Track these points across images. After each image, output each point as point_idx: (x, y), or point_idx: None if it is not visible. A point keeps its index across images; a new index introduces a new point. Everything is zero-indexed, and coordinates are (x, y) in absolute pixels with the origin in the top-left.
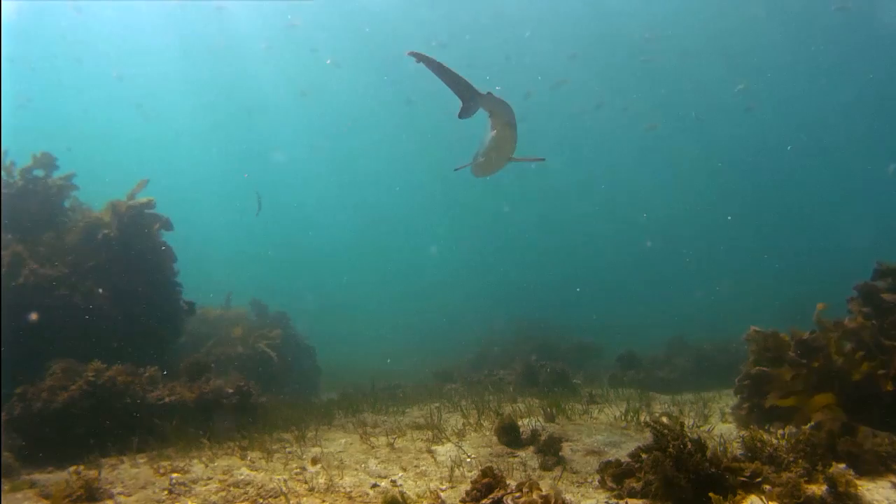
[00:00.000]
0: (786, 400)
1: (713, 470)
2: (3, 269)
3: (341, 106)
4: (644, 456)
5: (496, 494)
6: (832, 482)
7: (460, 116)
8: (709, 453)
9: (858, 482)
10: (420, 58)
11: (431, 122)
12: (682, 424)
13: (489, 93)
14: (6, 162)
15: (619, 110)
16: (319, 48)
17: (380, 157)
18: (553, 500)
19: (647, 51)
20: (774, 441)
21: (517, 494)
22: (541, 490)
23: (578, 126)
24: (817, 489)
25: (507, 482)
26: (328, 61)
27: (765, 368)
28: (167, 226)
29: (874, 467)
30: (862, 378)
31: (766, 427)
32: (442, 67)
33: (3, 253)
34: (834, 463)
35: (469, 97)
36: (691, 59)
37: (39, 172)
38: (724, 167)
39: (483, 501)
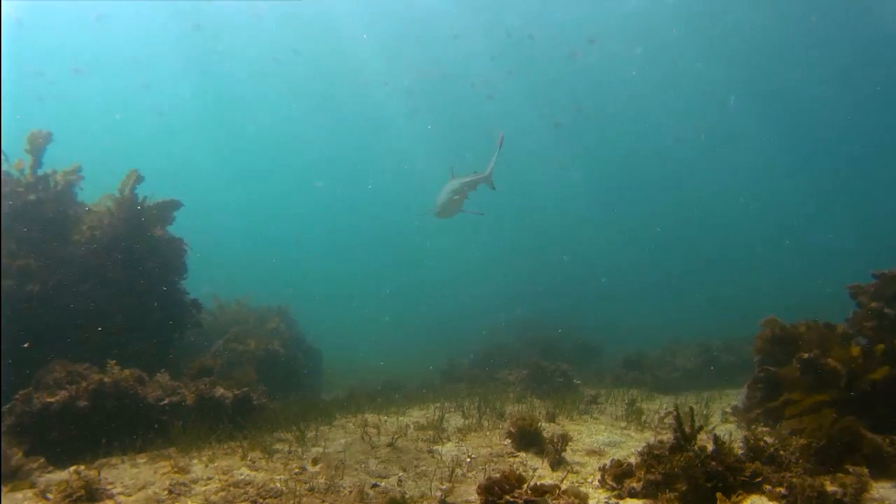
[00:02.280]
0: (793, 394)
1: (720, 469)
2: (4, 277)
3: (349, 104)
4: (657, 452)
5: (521, 493)
6: (840, 482)
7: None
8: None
9: (872, 482)
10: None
11: (434, 121)
12: (701, 427)
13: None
14: (15, 160)
15: (625, 112)
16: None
17: (382, 156)
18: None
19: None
20: (790, 441)
21: (551, 495)
22: (575, 495)
23: (583, 127)
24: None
25: (523, 485)
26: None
27: (771, 368)
28: (171, 212)
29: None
30: (869, 383)
31: (776, 427)
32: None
33: (12, 265)
34: (849, 463)
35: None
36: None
37: (51, 170)
38: (732, 168)
39: (507, 497)
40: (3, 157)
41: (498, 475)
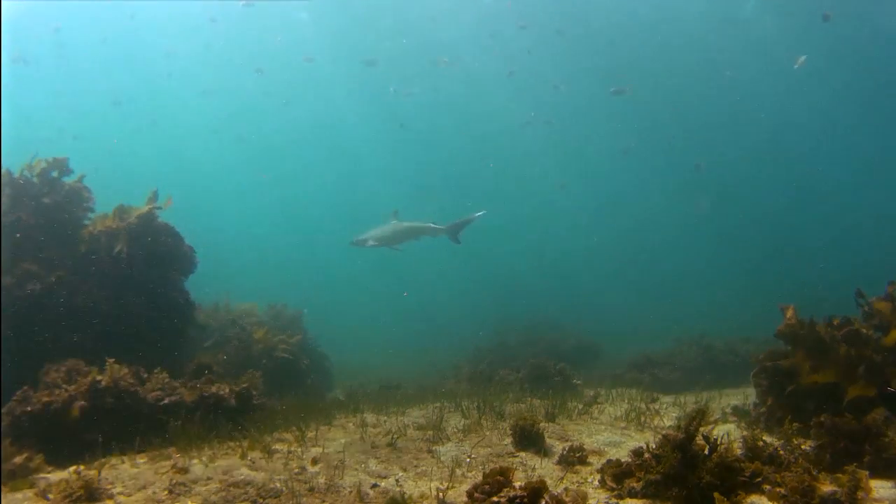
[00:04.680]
0: (824, 374)
1: (716, 469)
2: (5, 280)
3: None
4: (647, 456)
5: (507, 493)
6: (841, 482)
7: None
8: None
9: (871, 481)
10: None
11: (431, 122)
12: (698, 427)
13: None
14: (33, 162)
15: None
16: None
17: (382, 155)
18: None
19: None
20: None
21: (550, 494)
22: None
23: (589, 125)
24: (821, 488)
25: (514, 483)
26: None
27: (779, 362)
28: (177, 237)
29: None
30: None
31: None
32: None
33: (15, 271)
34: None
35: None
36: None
37: (54, 173)
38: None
39: (494, 498)
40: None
41: (480, 478)
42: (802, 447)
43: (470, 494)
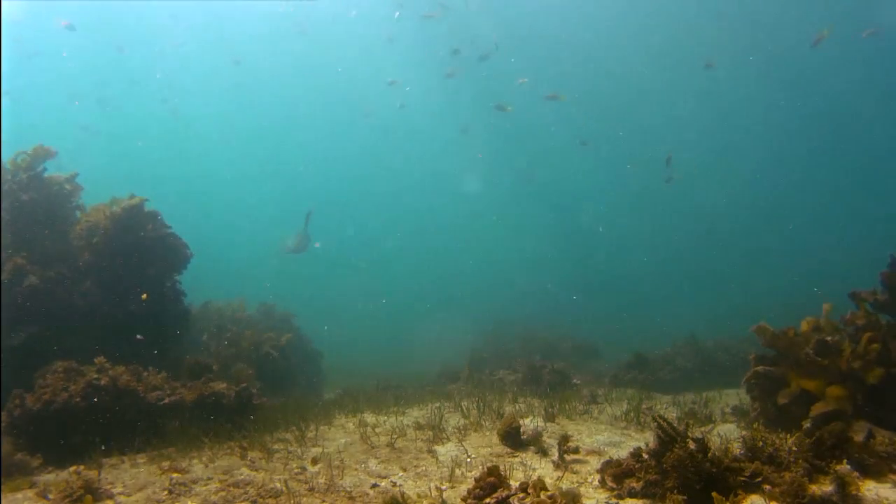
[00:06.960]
0: (808, 382)
1: (714, 470)
2: (3, 279)
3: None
4: (645, 456)
5: (500, 494)
6: (836, 482)
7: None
8: (710, 454)
9: (861, 482)
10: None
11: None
12: (687, 424)
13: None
14: (15, 156)
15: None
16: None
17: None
18: (559, 501)
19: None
20: (787, 440)
21: (521, 495)
22: (547, 490)
23: (588, 129)
24: (817, 489)
25: (509, 482)
26: None
27: (770, 368)
28: (162, 225)
29: (878, 467)
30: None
31: (777, 428)
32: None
33: (5, 266)
34: (839, 462)
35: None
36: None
37: (41, 169)
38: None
39: (486, 500)
40: None
41: (472, 482)
42: (793, 448)
43: (464, 500)
